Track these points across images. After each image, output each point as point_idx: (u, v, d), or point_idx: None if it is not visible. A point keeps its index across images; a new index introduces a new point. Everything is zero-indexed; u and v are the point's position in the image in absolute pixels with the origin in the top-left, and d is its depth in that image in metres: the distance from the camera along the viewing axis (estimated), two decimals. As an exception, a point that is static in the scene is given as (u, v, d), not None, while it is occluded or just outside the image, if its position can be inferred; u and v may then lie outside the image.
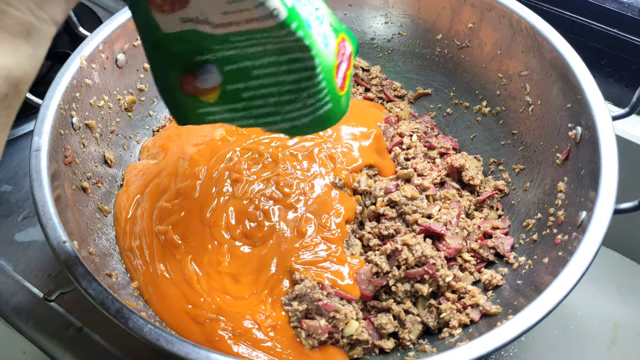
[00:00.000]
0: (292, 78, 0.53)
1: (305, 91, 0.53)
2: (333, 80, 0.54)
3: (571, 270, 0.58)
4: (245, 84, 0.54)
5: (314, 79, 0.52)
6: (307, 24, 0.49)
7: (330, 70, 0.53)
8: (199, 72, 0.53)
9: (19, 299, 0.78)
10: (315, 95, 0.54)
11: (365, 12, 1.00)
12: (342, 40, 0.57)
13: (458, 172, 0.83)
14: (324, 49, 0.52)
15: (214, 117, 0.57)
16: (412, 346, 0.68)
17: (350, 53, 0.58)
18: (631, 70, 0.95)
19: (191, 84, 0.54)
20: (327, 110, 0.55)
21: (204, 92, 0.55)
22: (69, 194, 0.70)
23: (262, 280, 0.69)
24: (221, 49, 0.51)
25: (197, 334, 0.65)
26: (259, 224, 0.73)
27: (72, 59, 0.76)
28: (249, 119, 0.57)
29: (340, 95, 0.56)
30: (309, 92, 0.53)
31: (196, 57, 0.52)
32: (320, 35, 0.52)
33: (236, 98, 0.55)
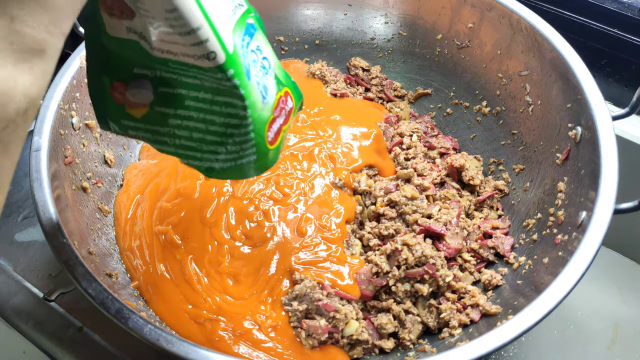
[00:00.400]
0: (221, 121, 0.51)
1: (231, 137, 0.52)
2: (264, 134, 0.53)
3: (571, 270, 0.58)
4: (175, 111, 0.52)
5: (242, 128, 0.51)
6: (247, 72, 0.48)
7: (262, 124, 0.52)
8: (133, 83, 0.52)
9: (19, 299, 0.78)
10: (241, 144, 0.52)
11: (365, 12, 1.00)
12: (285, 94, 0.56)
13: (458, 172, 0.83)
14: (260, 101, 0.50)
15: (135, 132, 0.55)
16: (412, 346, 0.68)
17: (291, 109, 0.57)
18: (631, 70, 0.95)
19: (121, 93, 0.53)
20: (250, 162, 0.54)
21: (131, 105, 0.53)
22: (69, 194, 0.70)
23: (262, 281, 0.69)
24: (160, 69, 0.50)
25: (197, 334, 0.65)
26: (259, 224, 0.73)
27: (72, 59, 0.76)
28: (169, 147, 0.55)
29: (269, 149, 0.54)
30: (235, 139, 0.52)
31: (134, 69, 0.51)
32: (260, 86, 0.50)
33: (162, 122, 0.54)
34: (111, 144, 0.83)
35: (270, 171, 0.79)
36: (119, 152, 0.84)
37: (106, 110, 0.54)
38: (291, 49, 1.03)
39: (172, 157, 0.62)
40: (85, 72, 0.53)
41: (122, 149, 0.85)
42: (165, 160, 0.83)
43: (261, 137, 0.52)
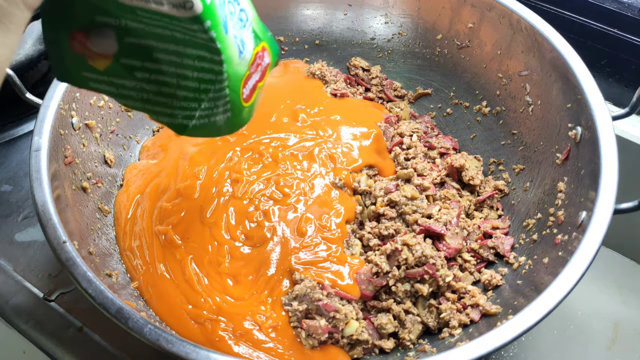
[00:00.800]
0: (194, 75, 0.49)
1: (205, 93, 0.49)
2: (239, 90, 0.50)
3: (571, 270, 0.58)
4: (142, 63, 0.49)
5: (217, 83, 0.48)
6: (225, 25, 0.45)
7: (238, 80, 0.50)
8: (94, 32, 0.48)
9: (19, 299, 0.78)
10: (215, 100, 0.50)
11: (365, 12, 1.00)
12: (262, 49, 0.53)
13: (458, 172, 0.83)
14: (236, 56, 0.48)
15: (97, 85, 0.52)
16: (412, 346, 0.68)
17: (268, 65, 0.55)
18: (631, 70, 0.95)
19: (81, 42, 0.49)
20: (224, 119, 0.52)
21: (93, 56, 0.50)
22: (69, 194, 0.70)
23: (262, 281, 0.69)
24: (125, 18, 0.46)
25: (197, 334, 0.65)
26: (259, 224, 0.73)
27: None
28: (136, 101, 0.52)
29: (244, 106, 0.52)
30: (209, 95, 0.49)
31: (96, 17, 0.47)
32: (237, 40, 0.48)
33: (128, 75, 0.50)
34: (111, 144, 0.83)
35: (271, 171, 0.79)
36: (119, 152, 0.84)
37: (64, 61, 0.50)
38: (291, 49, 1.03)
39: (172, 157, 0.61)
40: (41, 16, 0.49)
41: (122, 149, 0.85)
42: (165, 160, 0.83)
43: (236, 93, 0.50)
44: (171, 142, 0.85)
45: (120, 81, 0.51)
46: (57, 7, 0.47)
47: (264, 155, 0.81)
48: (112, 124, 0.83)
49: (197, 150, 0.82)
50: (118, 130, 0.84)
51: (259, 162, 0.80)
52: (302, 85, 0.95)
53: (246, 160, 0.80)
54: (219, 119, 0.52)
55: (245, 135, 0.84)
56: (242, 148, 0.82)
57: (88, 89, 0.53)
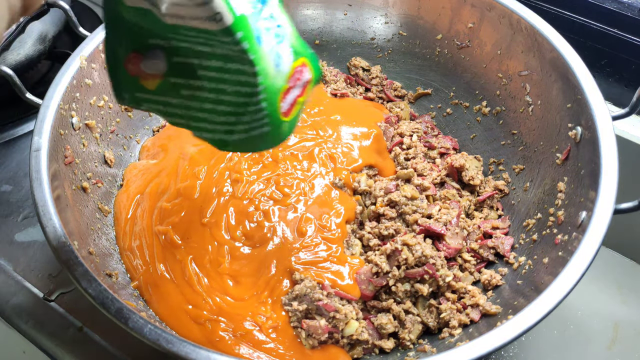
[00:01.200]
0: (232, 89, 0.50)
1: (243, 107, 0.50)
2: (277, 104, 0.51)
3: (571, 270, 0.58)
4: (187, 81, 0.51)
5: (253, 96, 0.49)
6: (258, 38, 0.47)
7: (275, 93, 0.50)
8: (147, 54, 0.51)
9: (19, 299, 0.78)
10: (253, 114, 0.51)
11: (365, 12, 1.00)
12: (302, 65, 0.53)
13: (458, 172, 0.83)
14: (272, 69, 0.49)
15: (148, 104, 0.55)
16: (412, 346, 0.68)
17: (309, 81, 0.54)
18: (631, 70, 0.95)
19: (136, 65, 0.52)
20: (263, 133, 0.52)
21: (145, 76, 0.53)
22: (69, 194, 0.70)
23: (262, 281, 0.69)
24: (172, 38, 0.49)
25: (198, 334, 0.65)
26: (259, 224, 0.73)
27: (72, 59, 0.76)
28: (181, 118, 0.54)
29: (283, 120, 0.52)
30: (247, 109, 0.50)
31: (149, 39, 0.50)
32: (273, 54, 0.48)
33: (174, 92, 0.53)
34: (111, 144, 0.83)
35: (271, 171, 0.79)
36: (119, 152, 0.84)
37: (120, 82, 0.54)
38: (291, 49, 1.03)
39: (172, 157, 0.61)
40: (104, 44, 0.53)
41: (122, 149, 0.85)
42: (165, 160, 0.83)
43: (274, 107, 0.50)
44: (171, 142, 0.85)
45: (168, 99, 0.54)
46: (117, 32, 0.51)
47: (264, 155, 0.81)
48: (112, 124, 0.83)
49: (197, 150, 0.82)
50: (118, 130, 0.84)
51: (259, 162, 0.80)
52: (302, 85, 0.95)
53: (246, 160, 0.80)
54: (258, 133, 0.52)
55: (245, 135, 0.84)
56: (242, 148, 0.82)
57: (141, 109, 0.56)
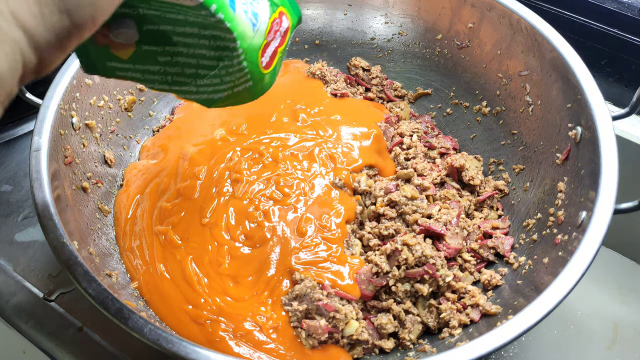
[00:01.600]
0: (211, 54, 0.51)
1: (224, 69, 0.52)
2: (257, 60, 0.53)
3: (571, 270, 0.58)
4: (163, 48, 0.52)
5: (234, 59, 0.51)
6: (232, 4, 0.48)
7: (255, 52, 0.52)
8: (115, 24, 0.50)
9: (19, 299, 0.78)
10: (235, 73, 0.52)
11: (365, 12, 1.00)
12: (280, 15, 0.54)
13: (458, 172, 0.83)
14: (249, 30, 0.50)
15: (124, 73, 0.55)
16: (412, 346, 0.68)
17: (288, 28, 0.56)
18: (631, 70, 0.95)
19: (103, 34, 0.51)
20: (246, 88, 0.54)
21: (117, 46, 0.52)
22: (69, 194, 0.70)
23: (262, 282, 0.69)
24: (142, 7, 0.49)
25: (198, 334, 0.65)
26: (259, 224, 0.73)
27: (72, 59, 0.76)
28: (162, 84, 0.55)
29: (264, 73, 0.55)
30: (228, 70, 0.52)
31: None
32: (249, 15, 0.50)
33: (151, 60, 0.53)
34: (111, 144, 0.83)
35: (271, 171, 0.79)
36: (119, 152, 0.84)
37: (88, 53, 0.52)
38: (291, 49, 1.03)
39: (172, 157, 0.61)
40: None
41: (122, 149, 0.85)
42: (165, 160, 0.83)
43: (254, 64, 0.52)
44: (171, 142, 0.85)
45: (145, 67, 0.54)
46: None
47: (264, 155, 0.81)
48: (112, 124, 0.83)
49: (197, 150, 0.82)
50: (118, 130, 0.84)
51: (259, 162, 0.80)
52: (302, 85, 0.95)
53: (246, 160, 0.80)
54: (242, 88, 0.54)
55: (245, 135, 0.84)
56: (242, 148, 0.82)
57: (115, 78, 0.55)
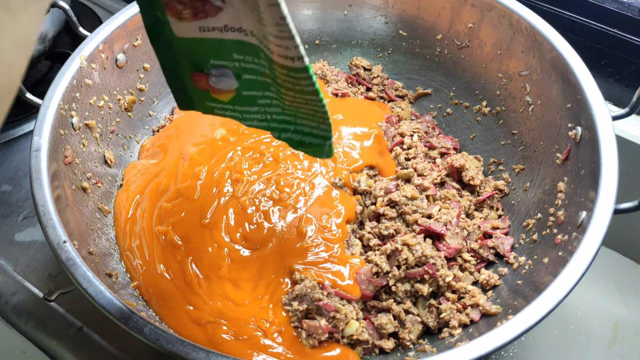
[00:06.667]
0: (309, 109, 0.54)
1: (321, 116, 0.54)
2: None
3: (571, 270, 0.58)
4: (263, 93, 0.56)
5: (322, 108, 0.53)
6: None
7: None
8: (212, 73, 0.55)
9: (19, 299, 0.78)
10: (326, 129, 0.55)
11: (365, 12, 1.00)
12: None
13: (458, 172, 0.83)
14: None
15: (222, 112, 0.60)
16: (412, 346, 0.68)
17: None
18: (631, 70, 0.95)
19: (204, 81, 0.56)
20: (330, 145, 0.57)
21: (217, 91, 0.57)
22: (69, 194, 0.70)
23: (262, 285, 0.69)
24: (244, 61, 0.53)
25: (198, 335, 0.65)
26: (259, 225, 0.73)
27: (72, 59, 0.76)
28: (262, 122, 0.59)
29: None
30: (324, 118, 0.54)
31: (211, 61, 0.54)
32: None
33: (251, 103, 0.57)
34: (111, 144, 0.83)
35: (271, 171, 0.79)
36: (119, 152, 0.84)
37: (188, 94, 0.59)
38: (291, 49, 1.03)
39: (172, 157, 0.61)
40: (160, 66, 0.58)
41: (122, 149, 0.85)
42: (165, 160, 0.83)
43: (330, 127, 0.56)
44: (171, 142, 0.85)
45: (244, 108, 0.59)
46: (171, 57, 0.56)
47: (264, 155, 0.81)
48: (112, 124, 0.83)
49: (197, 150, 0.82)
50: (118, 130, 0.84)
51: (260, 162, 0.80)
52: (302, 85, 0.95)
53: (247, 160, 0.80)
54: (328, 144, 0.58)
55: (246, 135, 0.84)
56: (243, 147, 0.82)
57: (213, 115, 0.60)
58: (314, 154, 0.59)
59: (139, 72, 0.87)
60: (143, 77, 0.88)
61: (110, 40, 0.80)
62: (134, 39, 0.84)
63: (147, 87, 0.89)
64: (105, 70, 0.80)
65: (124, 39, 0.82)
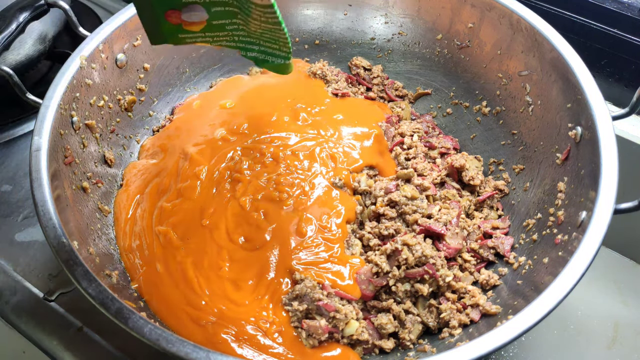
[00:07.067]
0: (269, 34, 0.64)
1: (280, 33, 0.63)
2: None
3: (571, 270, 0.58)
4: (231, 20, 0.64)
5: (282, 37, 0.63)
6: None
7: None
8: (185, 9, 0.63)
9: (19, 299, 0.78)
10: (287, 51, 0.66)
11: (365, 12, 1.00)
12: None
13: (458, 172, 0.83)
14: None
15: (193, 40, 0.68)
16: (412, 346, 0.68)
17: None
18: (631, 70, 0.95)
19: (176, 17, 0.64)
20: (290, 64, 0.68)
21: (188, 24, 0.65)
22: (69, 194, 0.70)
23: (262, 286, 0.69)
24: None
25: (198, 335, 0.65)
26: (258, 226, 0.73)
27: (72, 59, 0.76)
28: (230, 42, 0.68)
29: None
30: (282, 35, 0.63)
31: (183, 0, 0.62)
32: None
33: (220, 29, 0.66)
34: (111, 144, 0.83)
35: (272, 171, 0.79)
36: (119, 152, 0.84)
37: (160, 29, 0.66)
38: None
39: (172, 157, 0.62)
40: (135, 7, 0.65)
41: (122, 149, 0.85)
42: (165, 160, 0.83)
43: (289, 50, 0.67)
44: (170, 142, 0.85)
45: (214, 34, 0.67)
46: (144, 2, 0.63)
47: (265, 155, 0.81)
48: (112, 124, 0.83)
49: (197, 150, 0.82)
50: (118, 130, 0.84)
51: (260, 162, 0.80)
52: (303, 84, 0.95)
53: (247, 160, 0.80)
54: (287, 62, 0.69)
55: (246, 135, 0.84)
56: (243, 147, 0.82)
57: (183, 44, 0.69)
58: (277, 70, 0.69)
59: (139, 72, 0.87)
60: (143, 77, 0.88)
61: (110, 40, 0.80)
62: (134, 39, 0.84)
63: (147, 87, 0.89)
64: (105, 70, 0.80)
65: (124, 39, 0.82)
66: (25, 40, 0.94)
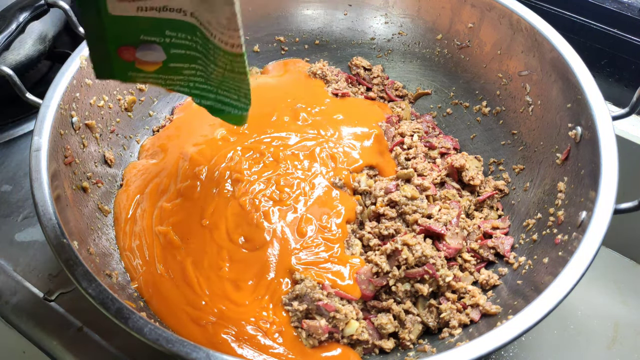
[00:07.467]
0: (233, 84, 0.60)
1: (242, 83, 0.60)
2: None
3: (571, 270, 0.58)
4: (189, 65, 0.60)
5: (247, 96, 0.60)
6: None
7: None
8: (141, 47, 0.58)
9: (19, 299, 0.78)
10: (246, 102, 0.61)
11: (365, 12, 1.00)
12: None
13: (458, 172, 0.83)
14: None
15: (145, 80, 0.62)
16: (412, 346, 0.68)
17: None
18: (631, 70, 0.95)
19: (130, 54, 0.59)
20: (245, 116, 0.63)
21: (143, 63, 0.60)
22: (69, 194, 0.70)
23: (262, 286, 0.69)
24: (176, 37, 0.56)
25: (198, 335, 0.65)
26: (259, 226, 0.73)
27: (72, 59, 0.76)
28: (184, 88, 0.63)
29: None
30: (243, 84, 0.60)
31: (141, 36, 0.57)
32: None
33: (176, 72, 0.61)
34: (111, 144, 0.83)
35: (272, 171, 0.79)
36: (119, 152, 0.84)
37: (110, 65, 0.60)
38: (291, 49, 1.03)
39: (172, 157, 0.62)
40: (85, 38, 0.60)
41: (122, 149, 0.85)
42: (165, 160, 0.83)
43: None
44: (170, 142, 0.85)
45: (168, 77, 0.62)
46: (99, 33, 0.57)
47: (265, 155, 0.81)
48: (112, 124, 0.83)
49: (197, 150, 0.82)
50: (118, 130, 0.84)
51: (260, 162, 0.80)
52: (303, 84, 0.95)
53: (247, 160, 0.80)
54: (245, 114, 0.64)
55: (246, 135, 0.84)
56: (243, 147, 0.82)
57: (132, 82, 0.63)
58: (230, 121, 0.65)
59: (139, 72, 0.87)
60: (143, 77, 0.88)
61: (110, 40, 0.80)
62: (134, 39, 0.84)
63: (147, 87, 0.89)
64: (105, 70, 0.80)
65: (124, 39, 0.82)
66: (25, 40, 0.94)
